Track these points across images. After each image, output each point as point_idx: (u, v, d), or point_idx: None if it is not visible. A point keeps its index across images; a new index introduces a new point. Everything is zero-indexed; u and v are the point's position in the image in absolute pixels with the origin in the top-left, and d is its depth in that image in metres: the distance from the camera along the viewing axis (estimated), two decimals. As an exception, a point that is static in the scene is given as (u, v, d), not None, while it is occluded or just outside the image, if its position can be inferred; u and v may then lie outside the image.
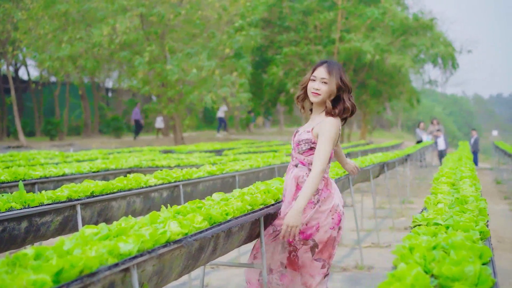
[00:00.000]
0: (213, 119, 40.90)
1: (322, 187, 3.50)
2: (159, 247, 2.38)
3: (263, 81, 25.29)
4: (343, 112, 3.49)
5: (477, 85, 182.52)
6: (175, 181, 5.16)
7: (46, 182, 5.59)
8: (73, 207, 3.91)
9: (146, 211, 4.81)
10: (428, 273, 2.06)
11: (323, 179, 3.51)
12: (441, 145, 21.02)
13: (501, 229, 8.38)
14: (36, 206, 3.62)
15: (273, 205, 3.69)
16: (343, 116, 3.52)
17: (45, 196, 3.83)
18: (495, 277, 2.04)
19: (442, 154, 21.02)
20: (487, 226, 2.87)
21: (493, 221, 8.13)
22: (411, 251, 2.25)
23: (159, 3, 19.99)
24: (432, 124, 22.18)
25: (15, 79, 28.47)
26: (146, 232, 2.39)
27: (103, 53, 20.95)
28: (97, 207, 4.17)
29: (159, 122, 28.79)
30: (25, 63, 28.70)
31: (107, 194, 4.26)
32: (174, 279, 2.72)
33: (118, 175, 6.73)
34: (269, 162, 7.77)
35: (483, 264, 2.15)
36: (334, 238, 3.51)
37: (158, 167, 7.26)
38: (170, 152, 12.17)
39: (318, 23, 24.10)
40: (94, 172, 6.43)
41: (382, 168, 8.39)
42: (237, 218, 3.17)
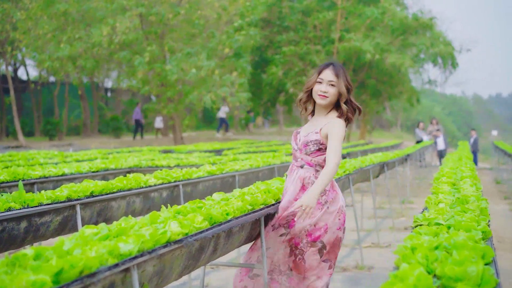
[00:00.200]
0: (212, 119, 40.86)
1: (329, 188, 3.51)
2: (159, 247, 2.36)
3: (262, 81, 25.25)
4: (353, 113, 3.55)
5: (476, 85, 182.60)
6: (175, 181, 5.15)
7: (45, 182, 5.58)
8: (73, 207, 3.90)
9: (146, 211, 4.80)
10: (431, 273, 2.05)
11: None
12: (440, 145, 21.02)
13: (501, 229, 8.37)
14: (36, 206, 3.61)
15: (273, 205, 3.67)
16: (353, 116, 3.55)
17: (45, 196, 3.82)
18: (498, 278, 2.02)
19: (441, 154, 21.02)
20: (488, 226, 2.85)
21: (493, 221, 8.11)
22: (413, 251, 2.24)
23: (159, 2, 19.96)
24: (432, 124, 22.18)
25: (14, 79, 28.44)
26: (147, 232, 2.38)
27: (102, 53, 20.93)
28: (96, 207, 4.16)
29: (158, 122, 28.77)
30: (24, 63, 28.69)
31: (107, 194, 4.24)
32: (175, 280, 2.70)
33: (117, 175, 6.72)
34: (269, 162, 7.76)
35: (486, 265, 2.13)
36: (340, 238, 3.53)
37: (157, 167, 7.25)
38: (169, 152, 12.16)
39: (317, 22, 24.08)
40: (93, 172, 6.42)
41: (382, 168, 8.38)
42: (237, 218, 3.15)
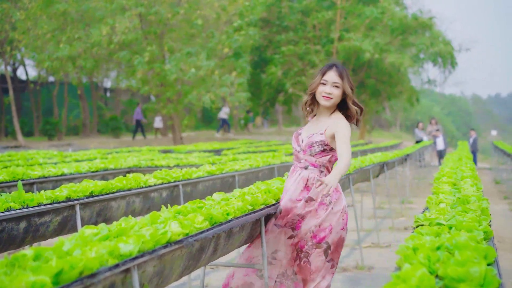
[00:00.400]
0: (212, 119, 40.83)
1: (332, 190, 3.49)
2: (159, 248, 2.35)
3: (261, 81, 25.24)
4: (359, 114, 3.57)
5: (475, 85, 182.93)
6: (174, 181, 5.13)
7: (44, 182, 5.56)
8: (72, 207, 3.88)
9: (146, 211, 4.78)
10: (433, 274, 2.03)
11: None
12: (440, 145, 21.02)
13: (501, 229, 8.36)
14: (35, 206, 3.59)
15: (274, 205, 3.66)
16: (358, 117, 3.58)
17: (44, 196, 3.80)
18: (500, 278, 2.01)
19: (441, 154, 21.03)
20: (490, 226, 2.84)
21: (493, 221, 8.10)
22: (415, 252, 2.22)
23: (158, 2, 19.94)
24: (431, 124, 22.18)
25: (13, 79, 28.39)
26: (147, 232, 2.36)
27: (101, 53, 20.90)
28: (96, 207, 4.14)
29: (157, 122, 28.75)
30: (23, 63, 28.64)
31: (107, 194, 4.23)
32: (175, 280, 2.69)
33: (117, 175, 6.70)
34: (268, 162, 7.75)
35: (488, 265, 2.12)
36: (343, 238, 3.55)
37: (157, 167, 7.23)
38: (169, 152, 12.14)
39: (316, 22, 24.07)
40: (93, 172, 6.41)
41: (382, 168, 8.37)
42: (238, 218, 3.14)
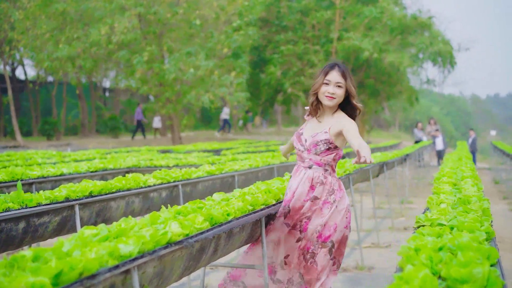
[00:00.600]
0: (211, 118, 40.80)
1: (337, 188, 3.53)
2: (160, 249, 2.33)
3: (260, 81, 25.23)
4: (358, 113, 3.61)
5: (474, 85, 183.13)
6: (174, 181, 5.11)
7: (43, 182, 5.54)
8: (71, 208, 3.86)
9: (145, 211, 4.77)
10: (435, 274, 2.02)
11: (336, 180, 3.55)
12: (439, 145, 21.02)
13: (501, 229, 8.35)
14: (34, 207, 3.57)
15: (274, 205, 3.64)
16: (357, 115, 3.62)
17: (43, 196, 3.78)
18: (504, 279, 2.00)
19: (440, 154, 21.03)
20: (491, 227, 2.83)
21: (493, 221, 8.10)
22: (417, 253, 2.21)
23: (157, 2, 19.91)
24: (429, 124, 22.17)
25: (12, 78, 28.35)
26: (147, 233, 2.34)
27: (100, 53, 20.87)
28: (95, 207, 4.12)
29: (156, 122, 28.70)
30: (22, 63, 28.59)
31: (106, 194, 4.21)
32: (175, 281, 2.67)
33: (116, 175, 6.68)
34: (268, 162, 7.73)
35: (491, 266, 2.11)
36: (346, 237, 3.56)
37: (156, 167, 7.22)
38: (168, 152, 12.13)
39: (315, 22, 24.06)
40: (92, 172, 6.38)
41: (381, 168, 8.36)
42: (238, 219, 3.12)
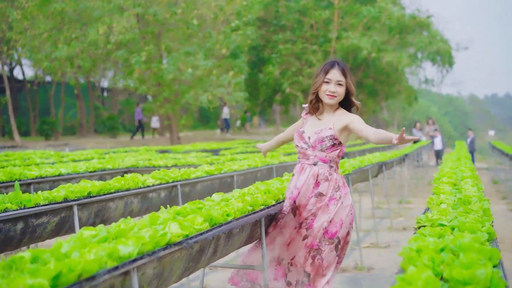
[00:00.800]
0: (209, 118, 40.77)
1: (341, 184, 3.54)
2: (159, 250, 2.31)
3: (259, 80, 25.22)
4: (356, 110, 3.70)
5: (472, 85, 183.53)
6: (173, 181, 5.09)
7: (42, 182, 5.51)
8: (70, 208, 3.84)
9: (144, 211, 4.75)
10: (437, 276, 2.00)
11: (341, 177, 3.56)
12: (438, 145, 21.03)
13: (500, 229, 8.34)
14: (32, 207, 3.55)
15: (274, 205, 3.62)
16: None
17: (41, 196, 3.75)
18: (506, 280, 1.98)
19: (439, 154, 21.03)
20: (492, 227, 2.81)
21: (493, 221, 8.09)
22: (419, 254, 2.19)
23: (155, 2, 19.88)
24: (428, 124, 22.17)
25: (10, 78, 28.27)
26: (146, 234, 2.32)
27: (99, 53, 20.83)
28: (94, 207, 4.10)
29: (154, 122, 28.66)
30: (20, 63, 28.54)
31: (105, 195, 4.18)
32: (174, 282, 2.65)
33: (115, 175, 6.66)
34: (267, 162, 7.71)
35: (493, 267, 2.09)
36: (350, 234, 3.57)
37: (155, 167, 7.19)
38: (166, 152, 12.10)
39: (314, 22, 24.05)
40: (90, 172, 6.36)
41: (380, 168, 8.35)
42: (238, 219, 3.10)
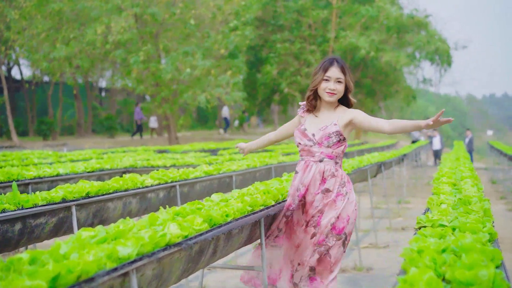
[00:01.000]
0: (207, 118, 40.73)
1: (346, 180, 3.55)
2: (159, 251, 2.29)
3: (257, 80, 25.20)
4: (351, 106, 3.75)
5: (470, 85, 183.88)
6: (171, 182, 5.07)
7: (40, 183, 5.49)
8: (68, 208, 3.82)
9: (143, 211, 4.73)
10: (439, 277, 1.98)
11: (345, 174, 3.57)
12: (436, 144, 21.04)
13: (500, 229, 8.33)
14: (30, 208, 3.53)
15: (273, 206, 3.60)
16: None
17: (39, 197, 3.73)
18: (509, 281, 1.96)
19: (437, 153, 21.04)
20: (493, 227, 2.80)
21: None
22: (420, 254, 2.17)
23: (154, 2, 19.85)
24: (426, 124, 22.17)
25: (8, 78, 28.22)
26: (146, 234, 2.30)
27: (97, 53, 20.79)
28: (92, 208, 4.08)
29: (153, 122, 28.63)
30: (18, 63, 28.49)
31: (103, 195, 4.16)
32: (174, 283, 2.64)
33: (113, 175, 6.63)
34: (265, 162, 7.70)
35: (495, 268, 2.07)
36: (353, 230, 3.59)
37: (153, 167, 7.17)
38: (164, 152, 12.07)
39: (312, 22, 24.05)
40: (89, 172, 6.33)
41: (379, 168, 8.33)
42: (237, 220, 3.08)
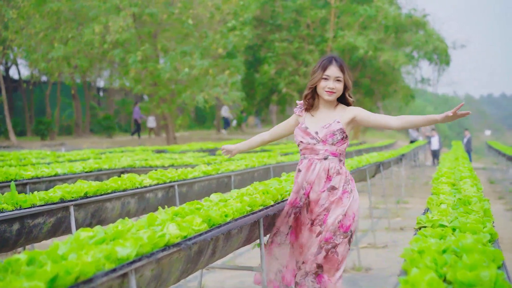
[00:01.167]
0: (205, 118, 40.70)
1: (350, 178, 3.55)
2: (157, 251, 2.27)
3: (255, 80, 25.19)
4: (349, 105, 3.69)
5: (468, 85, 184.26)
6: (170, 182, 5.06)
7: (38, 183, 5.47)
8: (66, 209, 3.80)
9: (141, 212, 4.71)
10: (440, 278, 1.97)
11: (348, 172, 3.55)
12: (435, 144, 21.05)
13: (499, 229, 8.30)
14: (28, 208, 3.51)
15: (272, 206, 3.59)
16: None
17: (37, 197, 3.72)
18: (511, 282, 1.95)
19: (435, 153, 21.05)
20: (493, 228, 2.78)
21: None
22: (421, 255, 2.16)
23: (152, 2, 19.83)
24: (425, 124, 22.18)
25: (6, 78, 28.17)
26: (144, 235, 2.29)
27: (95, 52, 20.76)
28: (90, 208, 4.06)
29: (151, 122, 28.60)
30: (16, 62, 28.43)
31: (101, 195, 4.14)
32: (173, 284, 2.62)
33: (111, 175, 6.62)
34: (264, 162, 7.69)
35: (497, 268, 2.06)
36: (357, 227, 3.61)
37: (152, 167, 7.15)
38: (163, 152, 12.06)
39: (310, 21, 24.05)
40: (87, 172, 6.31)
41: (378, 167, 8.33)
42: (236, 220, 3.07)
